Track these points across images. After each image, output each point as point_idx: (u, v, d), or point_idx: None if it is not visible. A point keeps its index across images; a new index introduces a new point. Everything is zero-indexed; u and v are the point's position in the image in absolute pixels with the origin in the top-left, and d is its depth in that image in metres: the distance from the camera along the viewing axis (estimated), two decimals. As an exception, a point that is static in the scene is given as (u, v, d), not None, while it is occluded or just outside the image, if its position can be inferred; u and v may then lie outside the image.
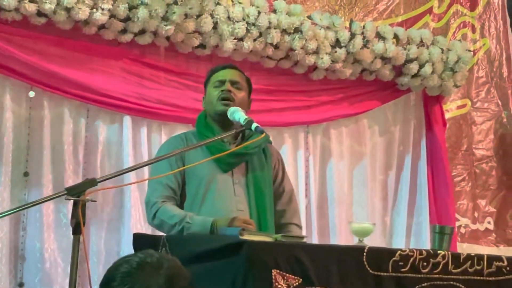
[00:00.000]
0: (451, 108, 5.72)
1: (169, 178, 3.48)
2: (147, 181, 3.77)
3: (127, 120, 4.45)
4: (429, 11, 5.63)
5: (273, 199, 3.64)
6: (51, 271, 4.17)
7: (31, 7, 4.02)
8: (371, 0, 5.40)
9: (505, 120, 5.90)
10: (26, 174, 4.23)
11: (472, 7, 5.87)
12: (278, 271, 2.80)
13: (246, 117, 3.39)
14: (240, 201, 3.53)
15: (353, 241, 3.35)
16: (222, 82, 3.60)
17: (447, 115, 5.64)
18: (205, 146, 3.48)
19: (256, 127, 3.30)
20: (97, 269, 4.24)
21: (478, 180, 5.74)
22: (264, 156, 3.66)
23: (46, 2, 4.02)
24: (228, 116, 3.47)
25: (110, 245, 4.34)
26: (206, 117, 3.63)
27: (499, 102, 5.91)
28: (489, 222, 5.70)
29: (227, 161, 3.53)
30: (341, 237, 4.90)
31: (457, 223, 5.53)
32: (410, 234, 5.37)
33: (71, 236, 2.62)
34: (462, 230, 5.58)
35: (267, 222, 3.52)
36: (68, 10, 4.10)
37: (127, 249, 4.09)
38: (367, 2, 5.37)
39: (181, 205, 3.51)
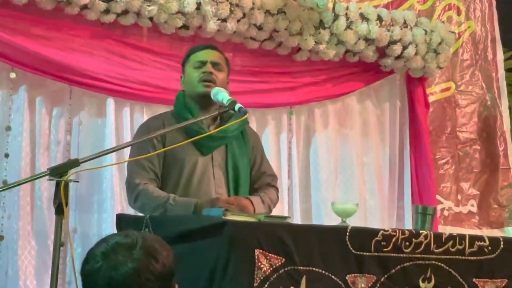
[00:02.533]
0: (435, 91, 5.72)
1: (150, 160, 3.47)
2: (126, 163, 3.74)
3: (110, 101, 4.42)
4: None
5: (250, 182, 3.66)
6: (30, 253, 4.16)
7: (13, -13, 3.99)
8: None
9: (489, 102, 5.91)
10: (6, 155, 4.19)
11: (458, -11, 5.86)
12: (260, 251, 2.80)
13: (230, 97, 3.38)
14: (219, 185, 3.55)
15: (336, 223, 3.35)
16: (203, 63, 3.59)
17: (432, 98, 5.64)
18: (184, 131, 3.46)
19: (240, 107, 3.30)
20: (80, 251, 4.23)
21: (461, 163, 5.76)
22: (242, 138, 3.66)
23: (27, -18, 3.99)
24: (212, 97, 3.46)
25: (91, 227, 4.33)
26: (185, 97, 3.62)
27: (483, 85, 5.91)
28: (472, 205, 5.72)
29: (207, 144, 3.53)
30: (324, 220, 4.91)
31: (441, 206, 5.55)
32: (393, 216, 5.38)
33: (49, 217, 2.63)
34: (446, 213, 5.60)
35: None
36: (50, -11, 4.08)
37: (110, 230, 4.08)
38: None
39: (161, 188, 3.50)
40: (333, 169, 5.14)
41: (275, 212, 3.77)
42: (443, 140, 5.72)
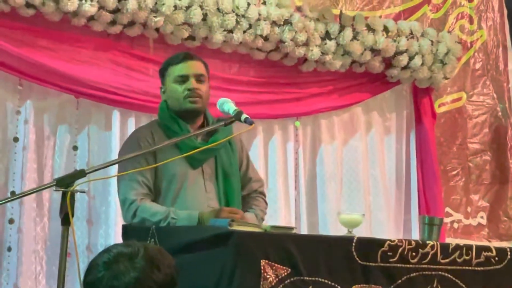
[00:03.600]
0: (447, 101, 5.69)
1: (143, 174, 3.43)
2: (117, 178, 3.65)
3: (116, 112, 4.43)
4: (427, 1, 5.59)
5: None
6: (37, 262, 4.17)
7: (20, -1, 4.00)
8: (371, -11, 5.39)
9: (500, 113, 5.88)
10: (13, 167, 4.20)
11: (471, -2, 5.84)
12: (266, 261, 2.81)
13: (236, 108, 3.38)
14: (211, 198, 3.52)
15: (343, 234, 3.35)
16: (186, 77, 3.55)
17: (443, 109, 5.63)
18: (174, 144, 3.43)
19: (246, 118, 3.30)
20: (85, 262, 4.23)
21: (471, 175, 5.72)
22: (230, 146, 3.64)
23: (34, -6, 4.00)
24: (218, 107, 3.46)
25: (98, 238, 4.33)
26: (169, 108, 3.59)
27: (495, 95, 5.88)
28: (482, 217, 5.69)
29: (198, 157, 3.49)
30: (331, 231, 4.89)
31: (450, 218, 5.53)
32: (400, 228, 5.36)
33: (56, 228, 2.65)
34: (455, 225, 5.57)
35: None
36: (56, 1, 4.07)
37: (115, 241, 4.08)
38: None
39: (153, 200, 3.48)
40: (339, 180, 5.13)
41: (281, 223, 3.76)
42: (454, 151, 5.69)
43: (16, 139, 4.21)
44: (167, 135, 3.50)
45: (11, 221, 4.15)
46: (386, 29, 5.10)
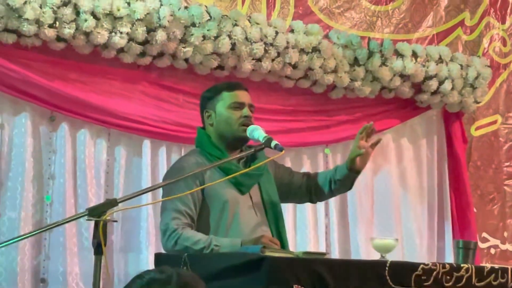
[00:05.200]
0: (482, 125, 5.66)
1: (187, 205, 3.43)
2: (160, 206, 3.68)
3: (147, 142, 4.46)
4: (461, 24, 5.59)
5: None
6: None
7: (51, 33, 4.04)
8: (407, 12, 5.39)
9: (536, 136, 5.83)
10: (48, 198, 4.24)
11: (503, 20, 5.79)
12: (298, 286, 2.79)
13: (266, 135, 3.40)
14: (263, 223, 3.55)
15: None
16: (242, 105, 3.58)
17: (478, 132, 5.60)
18: (220, 169, 3.45)
19: (276, 144, 3.31)
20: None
21: (508, 199, 5.67)
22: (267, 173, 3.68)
23: (65, 27, 4.05)
24: (248, 135, 3.48)
25: (130, 266, 4.34)
26: (209, 136, 3.60)
27: (529, 118, 5.84)
28: (519, 242, 5.63)
29: (246, 183, 3.53)
30: (363, 258, 4.86)
31: (487, 244, 5.48)
32: (434, 255, 5.31)
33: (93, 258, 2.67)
34: (492, 250, 5.51)
35: (285, 240, 3.54)
36: (87, 34, 4.12)
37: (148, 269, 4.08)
38: (403, 15, 5.37)
39: (202, 228, 3.47)
40: (370, 207, 5.10)
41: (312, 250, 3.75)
42: (490, 175, 5.64)
43: (49, 171, 4.24)
44: (211, 162, 3.49)
45: (46, 256, 4.18)
46: (414, 54, 5.09)
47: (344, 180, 3.69)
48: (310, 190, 3.80)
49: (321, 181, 3.76)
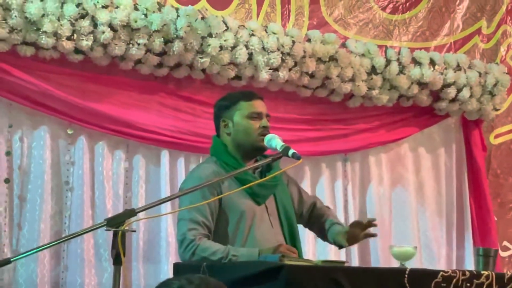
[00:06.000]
0: (501, 133, 5.63)
1: (204, 215, 3.41)
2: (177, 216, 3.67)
3: (165, 152, 4.47)
4: (478, 32, 5.57)
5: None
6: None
7: (69, 45, 4.07)
8: (425, 20, 5.38)
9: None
10: (66, 210, 4.26)
11: (519, 27, 5.80)
12: (317, 294, 2.78)
13: (283, 144, 3.40)
14: (278, 233, 3.54)
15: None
16: (260, 115, 3.57)
17: (498, 140, 5.58)
18: (236, 179, 3.45)
19: (293, 153, 3.30)
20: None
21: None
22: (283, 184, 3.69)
23: (83, 40, 4.07)
24: (265, 144, 3.48)
25: (149, 276, 4.34)
26: (226, 145, 3.59)
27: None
28: (541, 250, 5.58)
29: (262, 193, 3.53)
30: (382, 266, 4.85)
31: (508, 252, 5.45)
32: (453, 264, 5.28)
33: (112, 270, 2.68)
34: (514, 259, 5.49)
35: (300, 251, 3.55)
36: (104, 46, 4.15)
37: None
38: (420, 23, 5.37)
39: (220, 238, 3.46)
40: (388, 215, 5.08)
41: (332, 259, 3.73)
42: (510, 184, 5.60)
43: (67, 183, 4.27)
44: (227, 172, 3.48)
45: (65, 267, 4.20)
46: (432, 62, 5.08)
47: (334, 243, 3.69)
48: (312, 223, 3.79)
49: (326, 227, 3.72)
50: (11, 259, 2.79)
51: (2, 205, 4.12)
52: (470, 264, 5.11)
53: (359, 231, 3.53)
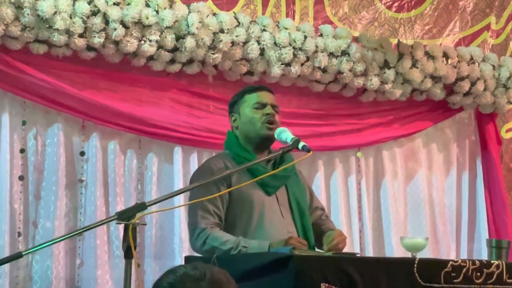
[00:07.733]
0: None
1: (215, 204, 3.45)
2: (187, 206, 3.72)
3: (178, 149, 4.49)
4: (487, 27, 5.55)
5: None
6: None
7: (81, 42, 4.10)
8: (431, 17, 5.37)
9: None
10: (80, 207, 4.28)
11: (529, 23, 5.77)
12: (326, 285, 2.78)
13: (293, 136, 3.41)
14: (288, 224, 3.55)
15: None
16: (263, 105, 3.60)
17: (509, 134, 5.55)
18: (248, 171, 3.46)
19: (303, 146, 3.31)
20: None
21: (541, 201, 5.60)
22: (296, 176, 3.70)
23: (95, 37, 4.09)
24: (276, 136, 3.49)
25: (161, 269, 4.35)
26: (238, 138, 3.63)
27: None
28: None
29: (272, 184, 3.55)
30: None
31: (522, 246, 5.40)
32: (466, 255, 5.26)
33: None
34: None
35: (312, 242, 3.54)
36: (116, 43, 4.17)
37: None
38: (426, 21, 5.35)
39: (230, 228, 3.48)
40: (403, 209, 5.07)
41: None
42: (524, 178, 5.58)
43: (81, 180, 4.29)
44: (238, 163, 3.51)
45: (80, 263, 4.23)
46: (446, 56, 5.06)
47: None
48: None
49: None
50: (23, 253, 2.80)
51: (16, 203, 4.15)
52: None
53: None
